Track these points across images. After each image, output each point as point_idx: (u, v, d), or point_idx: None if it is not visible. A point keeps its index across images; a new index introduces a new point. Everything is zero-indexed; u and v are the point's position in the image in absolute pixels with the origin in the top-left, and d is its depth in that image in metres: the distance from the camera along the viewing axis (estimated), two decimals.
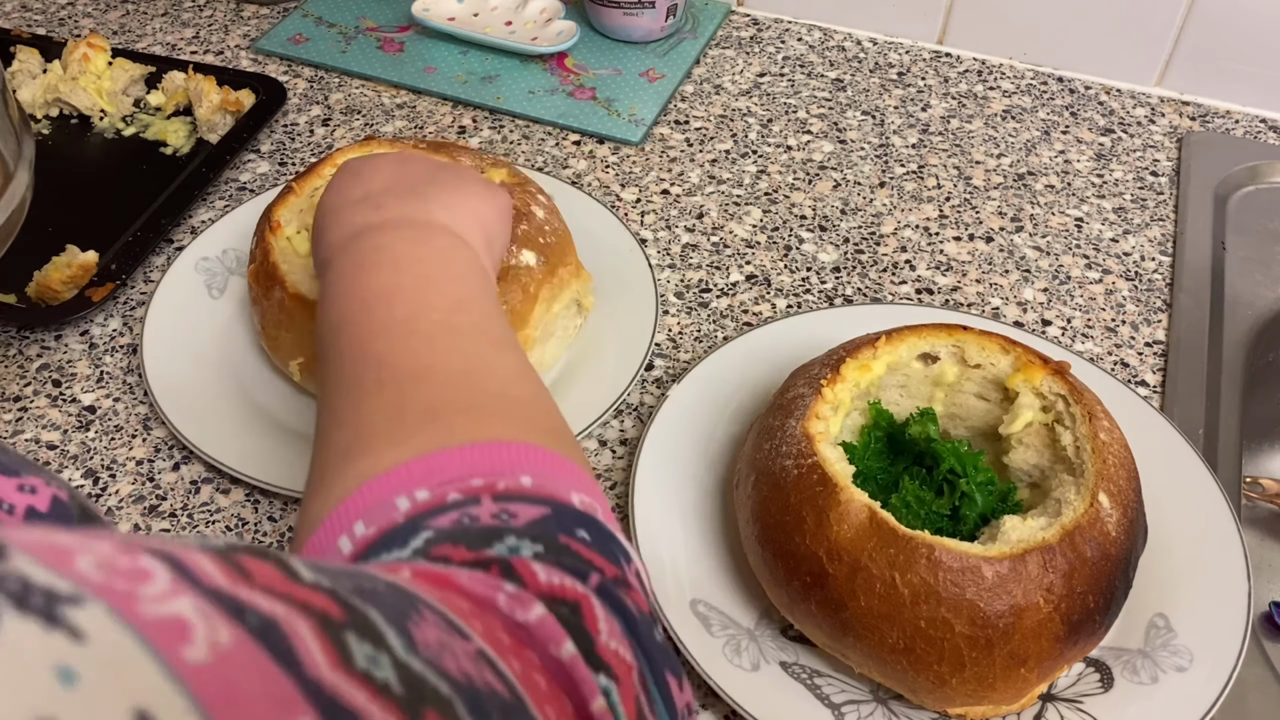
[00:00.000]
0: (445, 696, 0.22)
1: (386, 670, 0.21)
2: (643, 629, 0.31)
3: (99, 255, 0.73)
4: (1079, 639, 0.49)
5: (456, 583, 0.28)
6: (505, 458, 0.36)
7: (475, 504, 0.33)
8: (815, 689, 0.53)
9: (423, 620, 0.24)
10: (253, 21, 1.00)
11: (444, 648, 0.24)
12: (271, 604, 0.20)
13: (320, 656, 0.20)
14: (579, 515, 0.34)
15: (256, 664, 0.19)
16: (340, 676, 0.20)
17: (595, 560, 0.32)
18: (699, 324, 0.73)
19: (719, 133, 0.89)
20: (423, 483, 0.35)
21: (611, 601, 0.31)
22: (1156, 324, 0.74)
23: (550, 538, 0.32)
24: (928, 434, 0.55)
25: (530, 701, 0.25)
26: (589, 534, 0.34)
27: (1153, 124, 0.90)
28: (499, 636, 0.27)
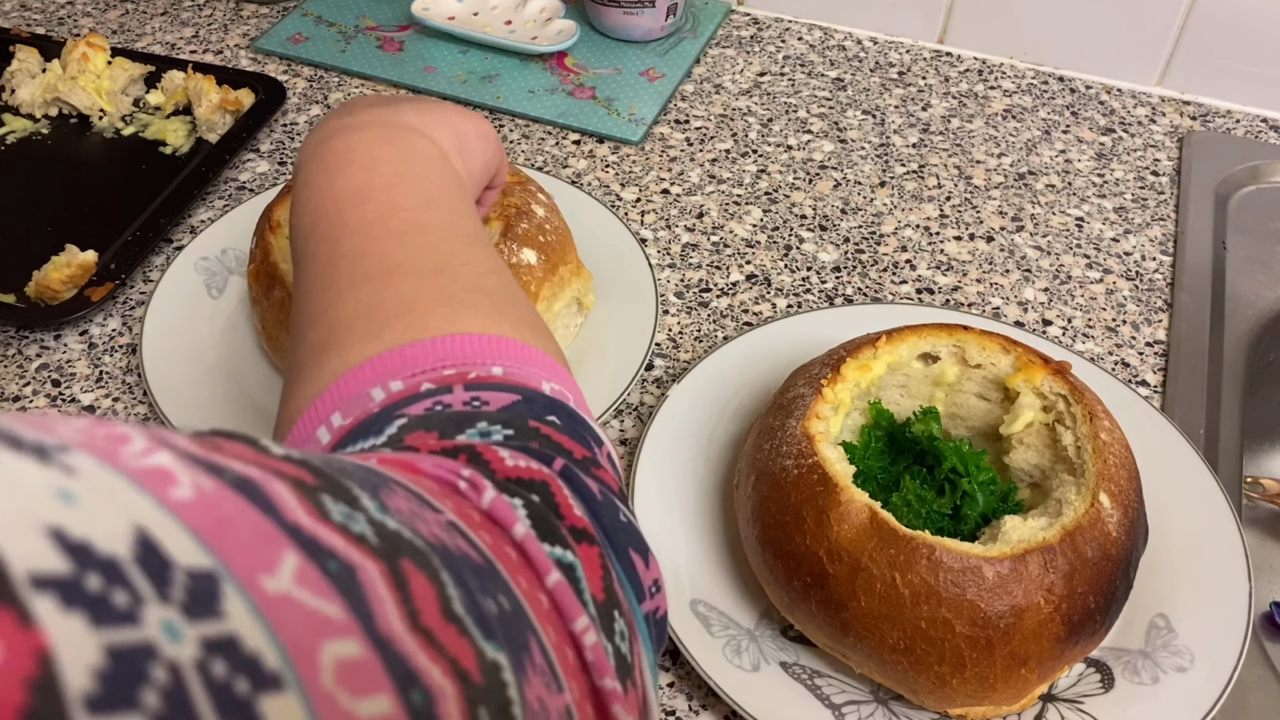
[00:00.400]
0: (421, 549, 0.23)
1: (362, 525, 0.22)
2: (603, 508, 0.32)
3: (98, 255, 0.73)
4: (1080, 639, 0.49)
5: (420, 467, 0.29)
6: (477, 348, 0.37)
7: (447, 392, 0.34)
8: (815, 689, 0.53)
9: (393, 493, 0.25)
10: (252, 21, 1.00)
11: (415, 515, 0.24)
12: (246, 467, 0.21)
13: (298, 507, 0.21)
14: (549, 401, 0.35)
15: (238, 507, 0.19)
16: (319, 525, 0.21)
17: (564, 443, 0.33)
18: (699, 324, 0.73)
19: (719, 132, 0.88)
20: (397, 374, 0.36)
21: (573, 482, 0.31)
22: (1157, 324, 0.74)
23: (520, 422, 0.33)
24: (930, 432, 0.55)
25: (502, 569, 0.26)
26: (559, 418, 0.34)
27: (1153, 123, 0.90)
28: (468, 513, 0.27)
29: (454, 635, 0.22)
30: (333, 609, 0.19)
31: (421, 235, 0.42)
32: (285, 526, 0.20)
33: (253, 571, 0.18)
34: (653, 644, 0.33)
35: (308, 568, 0.19)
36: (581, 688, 0.27)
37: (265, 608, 0.18)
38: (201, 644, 0.16)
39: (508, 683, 0.22)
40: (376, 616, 0.20)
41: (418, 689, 0.20)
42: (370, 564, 0.21)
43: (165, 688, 0.15)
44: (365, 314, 0.39)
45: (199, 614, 0.16)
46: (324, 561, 0.20)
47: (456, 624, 0.22)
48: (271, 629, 0.17)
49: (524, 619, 0.25)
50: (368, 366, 0.36)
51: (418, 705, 0.20)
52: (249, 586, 0.18)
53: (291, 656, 0.17)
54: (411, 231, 0.42)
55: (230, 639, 0.17)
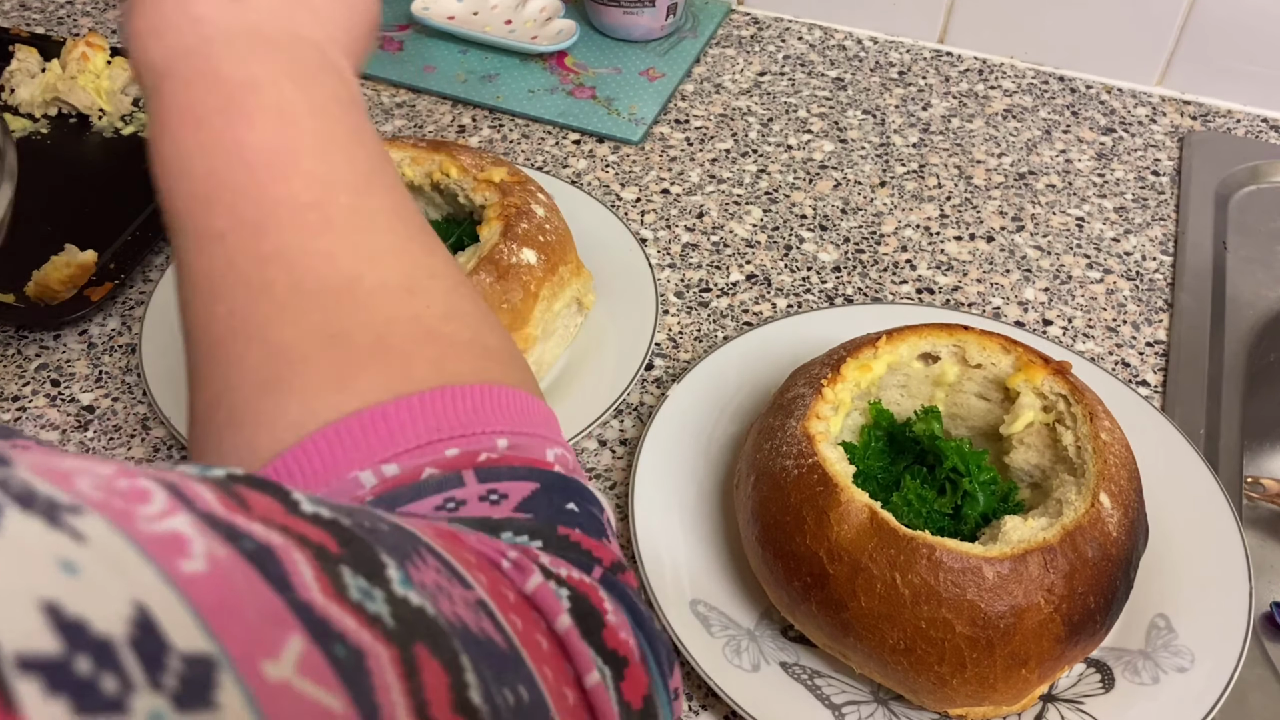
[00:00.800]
0: (441, 629, 0.22)
1: (379, 604, 0.21)
2: (646, 619, 0.30)
3: (98, 255, 0.73)
4: (1080, 639, 0.49)
5: (463, 539, 0.27)
6: (474, 411, 0.31)
7: (458, 484, 0.29)
8: (816, 689, 0.53)
9: (423, 563, 0.24)
10: None
11: (441, 591, 0.23)
12: (268, 533, 0.20)
13: (313, 583, 0.20)
14: (562, 483, 0.31)
15: (249, 581, 0.19)
16: (332, 603, 0.20)
17: (594, 549, 0.30)
18: (699, 323, 0.73)
19: (719, 132, 0.88)
20: (387, 449, 0.29)
21: (615, 592, 0.30)
22: (1158, 324, 0.74)
23: (549, 531, 0.30)
24: (932, 431, 0.55)
25: (528, 657, 0.25)
26: (575, 505, 0.31)
27: (1154, 123, 0.90)
28: (503, 591, 0.26)
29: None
30: (334, 701, 0.19)
31: (373, 236, 0.34)
32: (295, 605, 0.19)
33: (254, 657, 0.18)
34: None
35: (313, 653, 0.19)
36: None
37: (262, 699, 0.17)
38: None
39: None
40: (381, 708, 0.19)
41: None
42: (381, 649, 0.20)
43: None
44: (322, 344, 0.31)
45: (190, 705, 0.16)
46: (331, 646, 0.19)
47: (469, 716, 0.21)
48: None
49: (543, 711, 0.25)
50: (344, 429, 0.30)
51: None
52: (247, 674, 0.17)
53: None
54: (361, 230, 0.34)
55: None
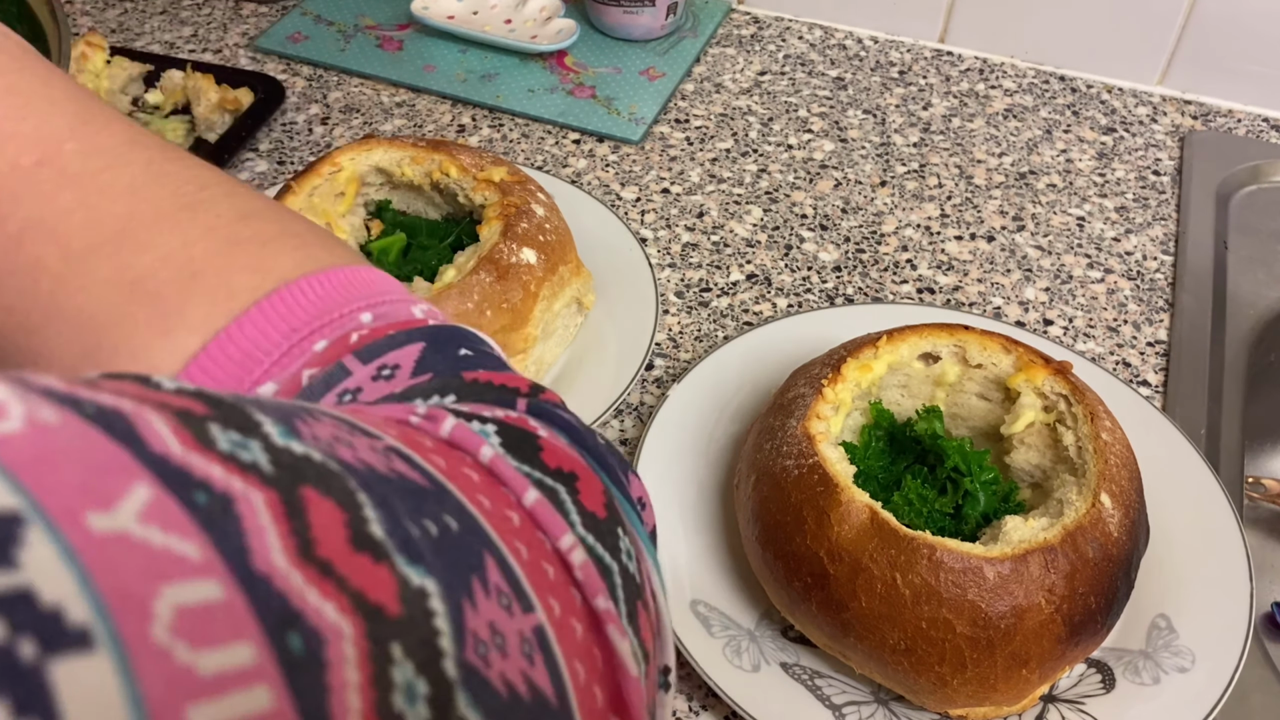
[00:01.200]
0: (333, 471, 0.20)
1: (255, 452, 0.19)
2: (583, 434, 0.29)
3: None
4: (1080, 640, 0.48)
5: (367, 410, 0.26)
6: (319, 300, 0.30)
7: (344, 374, 0.29)
8: (816, 690, 0.53)
9: (315, 421, 0.22)
10: (251, 20, 1.00)
11: (340, 441, 0.21)
12: (117, 400, 0.18)
13: (170, 436, 0.18)
14: (446, 333, 0.31)
15: (85, 439, 0.17)
16: (194, 453, 0.18)
17: (507, 382, 0.29)
18: (699, 323, 0.73)
19: (719, 131, 0.88)
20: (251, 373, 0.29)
21: (544, 416, 0.28)
22: (1158, 324, 0.73)
23: (456, 381, 0.29)
24: (934, 430, 0.55)
25: (457, 490, 0.23)
26: (470, 350, 0.30)
27: (1154, 123, 0.90)
28: (417, 440, 0.24)
29: (366, 564, 0.19)
30: (188, 546, 0.17)
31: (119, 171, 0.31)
32: (146, 457, 0.17)
33: (77, 510, 0.16)
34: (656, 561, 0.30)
35: (165, 500, 0.17)
36: (566, 604, 0.24)
37: (83, 551, 0.15)
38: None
39: (435, 611, 0.20)
40: (251, 552, 0.17)
41: (297, 632, 0.17)
42: (256, 492, 0.18)
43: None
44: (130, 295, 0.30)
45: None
46: (189, 494, 0.17)
47: (371, 550, 0.19)
48: (87, 576, 0.15)
49: (479, 537, 0.23)
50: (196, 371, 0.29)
51: (295, 651, 0.17)
52: (66, 527, 0.15)
53: (110, 606, 0.15)
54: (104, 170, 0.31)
55: (21, 593, 0.14)
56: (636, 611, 0.26)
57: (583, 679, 0.23)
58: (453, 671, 0.20)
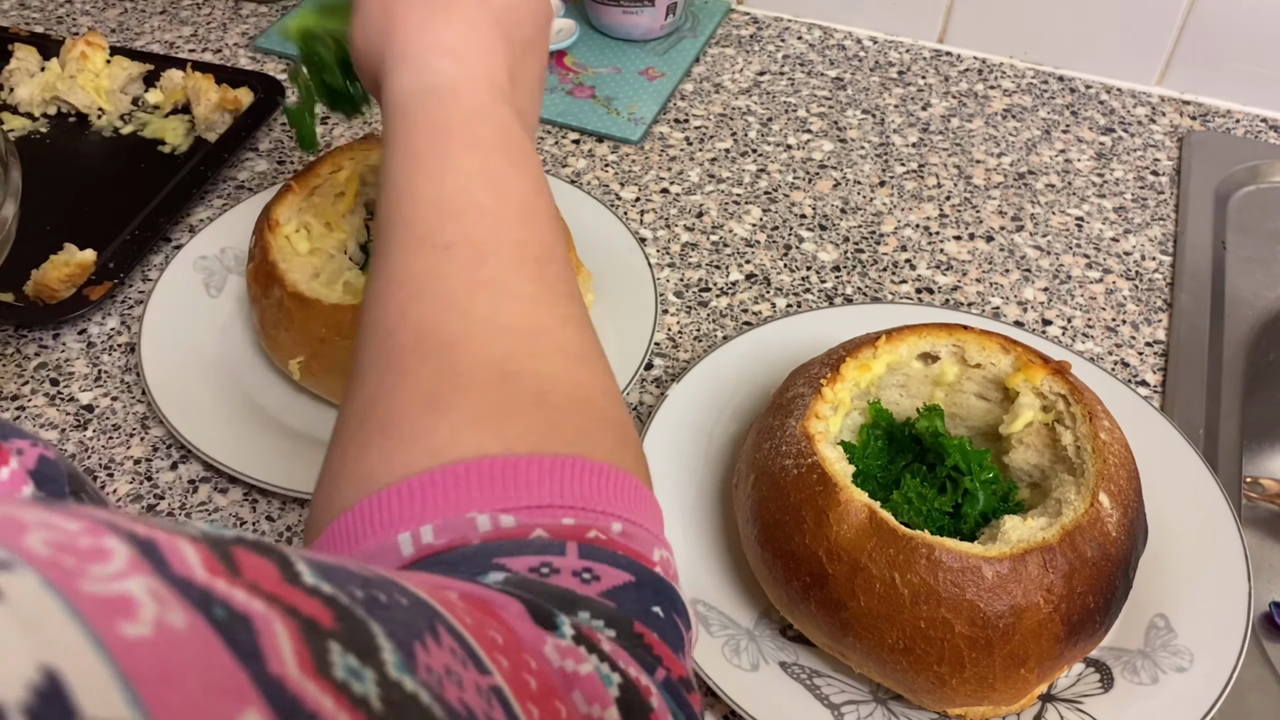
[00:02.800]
0: (435, 718, 0.20)
1: (368, 685, 0.19)
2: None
3: (97, 254, 0.73)
4: (1079, 639, 0.49)
5: (502, 616, 0.26)
6: (601, 489, 0.32)
7: (559, 553, 0.30)
8: (815, 689, 0.53)
9: (435, 643, 0.22)
10: (251, 20, 1.00)
11: (450, 675, 0.22)
12: (250, 600, 0.19)
13: (290, 657, 0.18)
14: (658, 583, 0.32)
15: (208, 652, 0.17)
16: (309, 679, 0.18)
17: (665, 657, 0.30)
18: (698, 323, 0.73)
19: (719, 131, 0.88)
20: (511, 500, 0.31)
21: (675, 696, 0.29)
22: (1157, 324, 0.74)
23: (625, 625, 0.30)
24: (935, 428, 0.55)
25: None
26: (661, 609, 0.31)
27: (1153, 123, 0.90)
28: (525, 678, 0.25)
29: None
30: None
31: (567, 305, 0.38)
32: (260, 679, 0.17)
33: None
34: None
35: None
36: None
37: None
38: None
39: None
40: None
41: None
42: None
43: None
44: (495, 380, 0.33)
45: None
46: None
47: None
48: None
49: None
50: (476, 469, 0.31)
51: None
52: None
53: None
54: (560, 296, 0.38)
55: None
56: None
57: None
58: None
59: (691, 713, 0.29)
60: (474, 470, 0.31)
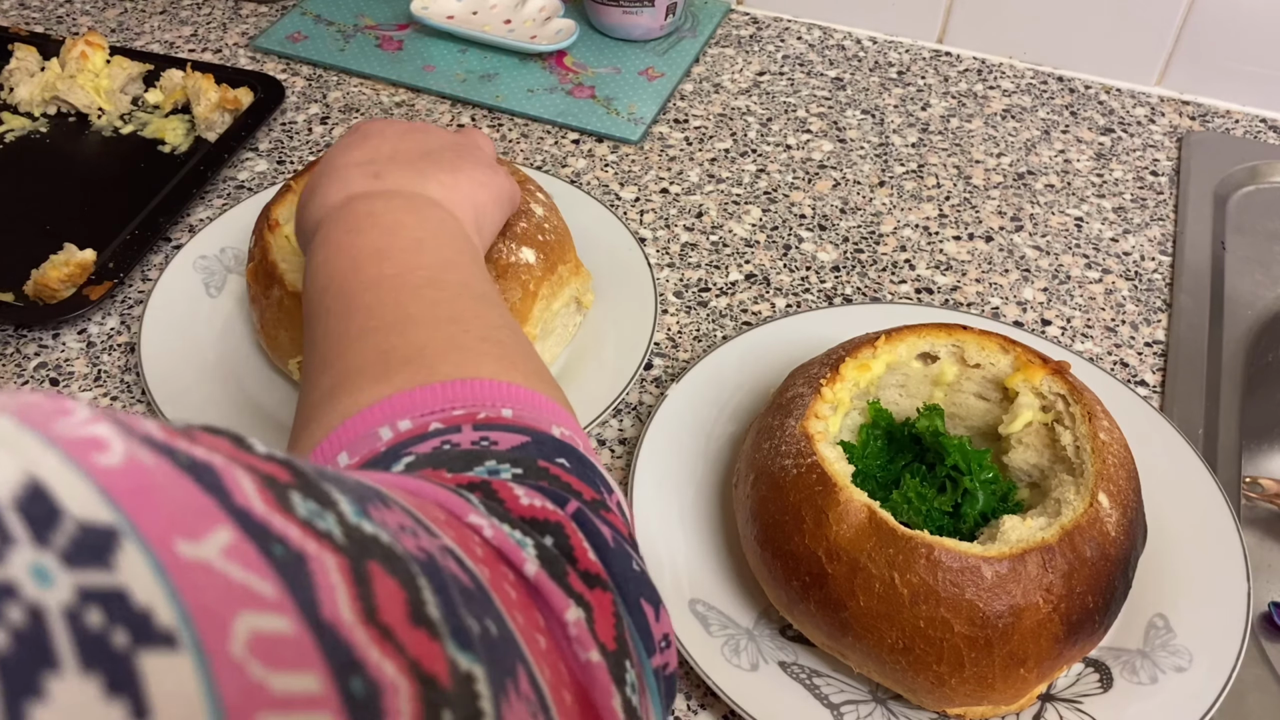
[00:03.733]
0: (398, 554, 0.21)
1: (331, 523, 0.20)
2: (616, 556, 0.31)
3: (97, 253, 0.73)
4: (1078, 639, 0.49)
5: (426, 493, 0.28)
6: (487, 392, 0.37)
7: (456, 431, 0.34)
8: (814, 689, 0.53)
9: (386, 509, 0.23)
10: (251, 20, 1.00)
11: (405, 530, 0.23)
12: (210, 455, 0.20)
13: (254, 494, 0.19)
14: (559, 444, 0.35)
15: (177, 482, 0.18)
16: (273, 512, 0.19)
17: (574, 484, 0.33)
18: (698, 323, 0.73)
19: (718, 131, 0.88)
20: (405, 414, 0.36)
21: (586, 526, 0.31)
22: (1156, 324, 0.74)
23: (529, 462, 0.33)
24: (935, 428, 0.55)
25: (497, 600, 0.25)
26: (568, 461, 0.34)
27: (1153, 123, 0.90)
28: (471, 546, 0.26)
29: (422, 639, 0.20)
30: (264, 585, 0.18)
31: (437, 291, 0.43)
32: (230, 508, 0.18)
33: (168, 535, 0.17)
34: (661, 701, 0.32)
35: (244, 545, 0.18)
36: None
37: (171, 569, 0.17)
38: (77, 591, 0.15)
39: (481, 694, 0.21)
40: (321, 604, 0.19)
41: (359, 678, 0.18)
42: (329, 556, 0.19)
43: (18, 628, 0.14)
44: (375, 360, 0.39)
45: (81, 563, 0.15)
46: (268, 545, 0.18)
47: (427, 627, 0.21)
48: (174, 590, 0.16)
49: (513, 648, 0.24)
50: (377, 408, 0.36)
51: (357, 693, 0.18)
52: (156, 547, 0.17)
53: (194, 618, 0.16)
54: (427, 286, 0.43)
55: (117, 592, 0.16)
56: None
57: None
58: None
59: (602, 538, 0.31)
60: (373, 409, 0.36)
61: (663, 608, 0.32)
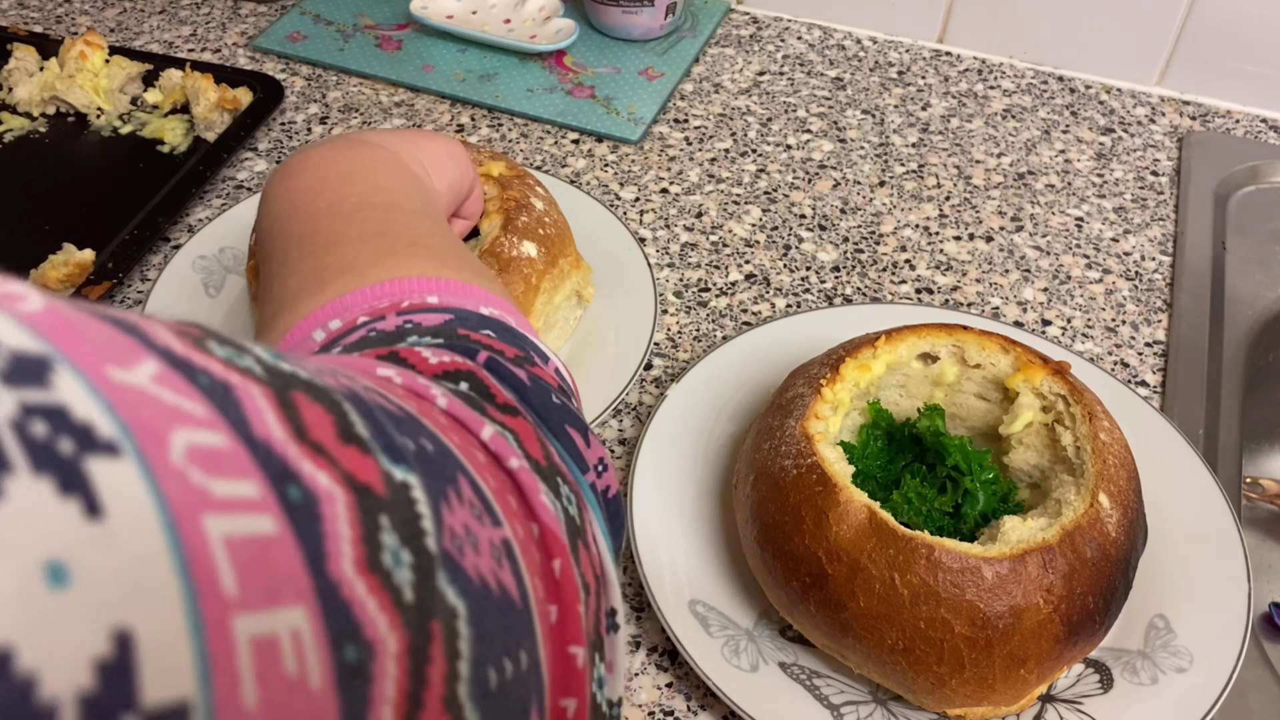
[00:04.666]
0: (320, 386, 0.22)
1: (250, 363, 0.21)
2: (534, 392, 0.32)
3: (95, 254, 0.73)
4: (1079, 640, 0.48)
5: (344, 360, 0.30)
6: (415, 286, 0.38)
7: (381, 320, 0.36)
8: (814, 690, 0.53)
9: (302, 360, 0.24)
10: (250, 19, 1.00)
11: (323, 372, 0.24)
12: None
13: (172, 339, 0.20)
14: (484, 318, 0.36)
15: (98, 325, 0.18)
16: (193, 351, 0.20)
17: (494, 345, 0.34)
18: (698, 323, 0.73)
19: (718, 131, 0.88)
20: (336, 316, 0.37)
21: (499, 372, 0.32)
22: (1157, 324, 0.73)
23: (449, 330, 0.34)
24: (936, 428, 0.55)
25: (428, 423, 0.26)
26: (494, 331, 0.35)
27: (1153, 123, 0.90)
28: (390, 386, 0.27)
29: (354, 453, 0.21)
30: (195, 407, 0.18)
31: (368, 211, 0.44)
32: (152, 346, 0.19)
33: (98, 362, 0.17)
34: (607, 523, 0.33)
35: (171, 374, 0.18)
36: (526, 533, 0.27)
37: (105, 390, 0.17)
38: (20, 406, 0.15)
39: (417, 499, 0.22)
40: (251, 424, 0.19)
41: (296, 486, 0.19)
42: (253, 385, 0.20)
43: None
44: (311, 279, 0.40)
45: (19, 382, 0.16)
46: (193, 375, 0.19)
47: (358, 444, 0.21)
48: (110, 406, 0.17)
49: (452, 459, 0.25)
50: (312, 317, 0.38)
51: (294, 499, 0.19)
52: (89, 372, 0.17)
53: (133, 430, 0.17)
54: (358, 210, 0.44)
55: (57, 408, 0.16)
56: (578, 548, 0.28)
57: (541, 594, 0.26)
58: (434, 548, 0.22)
59: (517, 379, 0.32)
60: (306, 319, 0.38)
61: (592, 435, 0.34)
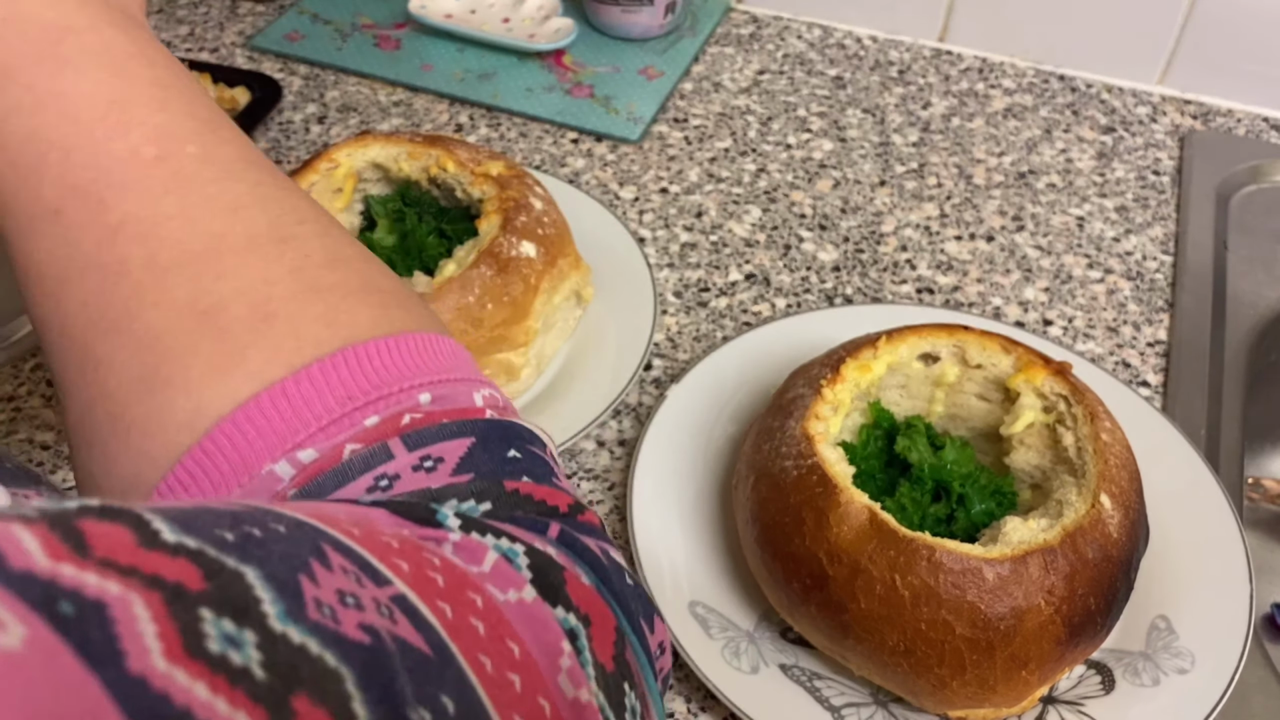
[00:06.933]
0: (329, 669, 0.19)
1: (249, 650, 0.18)
2: (612, 573, 0.28)
3: None
4: (1080, 641, 0.48)
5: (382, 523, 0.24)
6: (385, 368, 0.29)
7: (386, 457, 0.27)
8: (815, 691, 0.52)
9: (323, 568, 0.20)
10: (248, 18, 0.99)
11: (344, 600, 0.20)
12: (103, 583, 0.17)
13: (155, 643, 0.17)
14: (499, 430, 0.29)
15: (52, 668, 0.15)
16: (175, 667, 0.17)
17: (547, 498, 0.28)
18: (698, 323, 0.73)
19: (718, 131, 0.88)
20: (297, 434, 0.27)
21: (573, 548, 0.27)
22: (1158, 324, 0.73)
23: (494, 490, 0.27)
24: (915, 448, 0.54)
25: (457, 649, 0.22)
26: (517, 451, 0.29)
27: (1154, 123, 0.90)
28: (430, 576, 0.23)
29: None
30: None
31: (230, 184, 0.30)
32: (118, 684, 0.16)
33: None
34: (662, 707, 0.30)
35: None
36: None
37: None
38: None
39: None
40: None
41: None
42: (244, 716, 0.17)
43: None
44: (199, 324, 0.28)
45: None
46: None
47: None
48: None
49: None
50: (243, 419, 0.27)
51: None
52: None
53: None
54: (215, 180, 0.30)
55: None
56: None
57: None
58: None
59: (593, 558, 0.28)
60: (240, 421, 0.27)
61: (658, 617, 0.30)
